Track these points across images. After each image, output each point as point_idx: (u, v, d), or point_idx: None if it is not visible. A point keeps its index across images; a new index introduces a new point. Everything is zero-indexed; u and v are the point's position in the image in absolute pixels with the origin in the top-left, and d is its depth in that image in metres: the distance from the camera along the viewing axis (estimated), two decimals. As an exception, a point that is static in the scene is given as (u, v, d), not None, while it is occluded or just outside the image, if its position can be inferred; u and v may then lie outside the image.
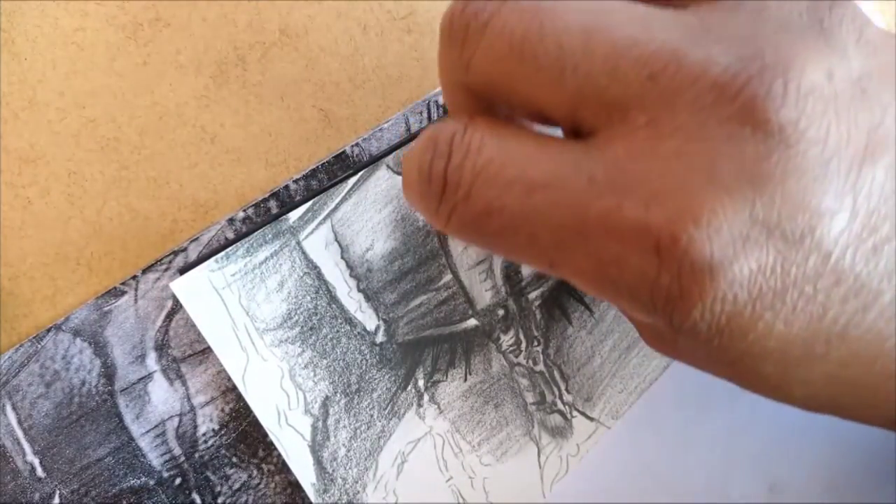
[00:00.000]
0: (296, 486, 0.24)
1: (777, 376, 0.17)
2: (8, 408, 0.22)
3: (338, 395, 0.24)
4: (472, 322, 0.27)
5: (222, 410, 0.24)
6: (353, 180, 0.25)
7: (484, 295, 0.27)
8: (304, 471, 0.24)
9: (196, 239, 0.24)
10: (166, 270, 0.23)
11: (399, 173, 0.25)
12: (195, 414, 0.24)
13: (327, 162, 0.25)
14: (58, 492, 0.22)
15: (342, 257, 0.24)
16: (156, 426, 0.23)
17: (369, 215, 0.25)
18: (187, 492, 0.23)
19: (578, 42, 0.16)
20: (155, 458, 0.23)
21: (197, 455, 0.23)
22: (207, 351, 0.23)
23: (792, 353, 0.16)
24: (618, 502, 0.29)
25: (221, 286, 0.23)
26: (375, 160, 0.25)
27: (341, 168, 0.25)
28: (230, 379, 0.23)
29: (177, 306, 0.23)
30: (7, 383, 0.22)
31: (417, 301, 0.26)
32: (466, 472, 0.26)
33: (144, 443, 0.23)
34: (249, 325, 0.23)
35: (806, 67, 0.15)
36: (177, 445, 0.23)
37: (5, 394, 0.22)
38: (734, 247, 0.15)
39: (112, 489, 0.23)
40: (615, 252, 0.15)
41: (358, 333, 0.25)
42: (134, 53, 0.24)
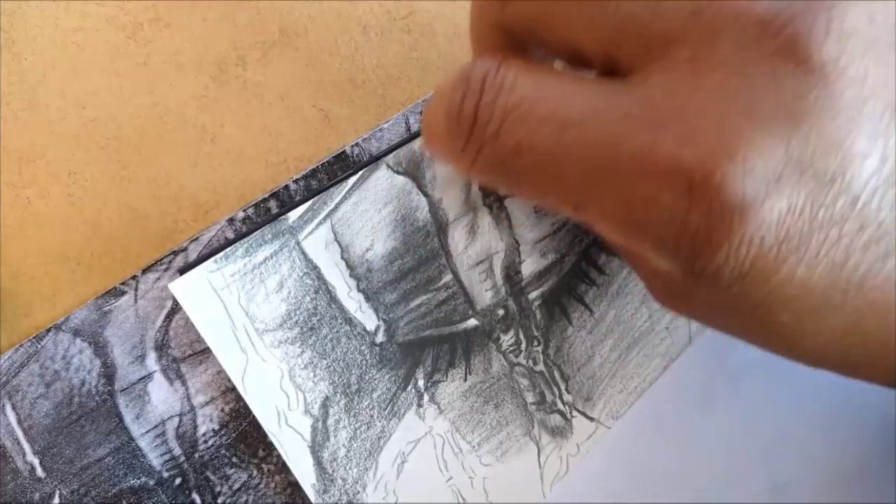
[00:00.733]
0: (296, 486, 0.24)
1: (791, 327, 0.17)
2: (8, 408, 0.22)
3: (338, 396, 0.24)
4: (472, 322, 0.27)
5: (222, 410, 0.24)
6: (353, 180, 0.24)
7: (484, 295, 0.27)
8: (304, 471, 0.24)
9: (196, 239, 0.24)
10: (166, 270, 0.23)
11: (399, 173, 0.25)
12: (195, 414, 0.24)
13: (327, 162, 0.25)
14: (58, 492, 0.22)
15: (342, 257, 0.24)
16: (156, 426, 0.23)
17: (369, 215, 0.25)
18: (187, 492, 0.23)
19: None
20: (155, 458, 0.23)
21: (197, 455, 0.23)
22: (207, 351, 0.23)
23: (810, 302, 0.16)
24: (618, 502, 0.29)
25: (220, 287, 0.23)
26: (375, 160, 0.25)
27: (341, 168, 0.25)
28: (230, 379, 0.23)
29: (177, 306, 0.23)
30: (7, 383, 0.22)
31: (417, 301, 0.26)
32: (466, 472, 0.26)
33: (144, 443, 0.23)
34: (249, 326, 0.23)
35: (849, 8, 0.15)
36: (177, 445, 0.23)
37: (5, 394, 0.22)
38: (767, 186, 0.15)
39: (112, 489, 0.23)
40: (645, 191, 0.15)
41: (358, 334, 0.25)
42: (134, 53, 0.24)
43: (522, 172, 0.17)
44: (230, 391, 0.24)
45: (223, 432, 0.24)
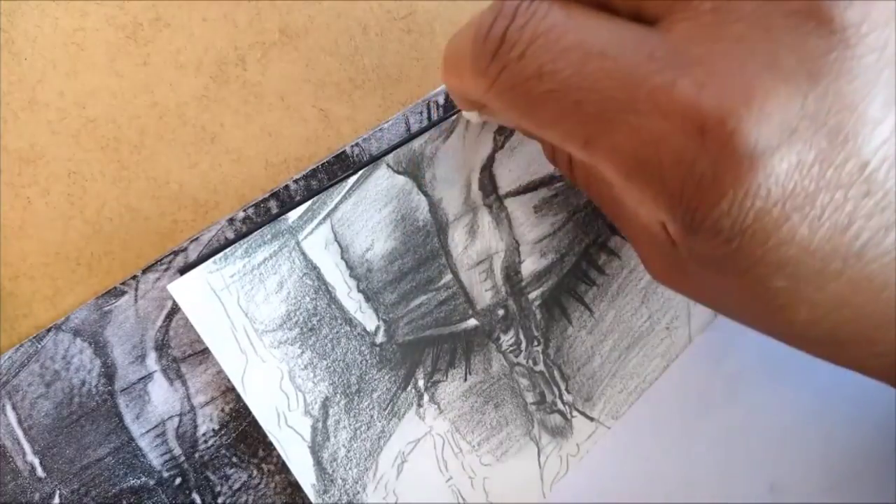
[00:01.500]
0: (296, 487, 0.24)
1: (787, 293, 0.17)
2: (8, 408, 0.22)
3: (338, 396, 0.24)
4: (472, 322, 0.27)
5: (222, 410, 0.24)
6: (353, 180, 0.24)
7: (484, 295, 0.27)
8: (304, 471, 0.24)
9: (196, 239, 0.24)
10: (166, 270, 0.23)
11: (399, 172, 0.25)
12: (195, 414, 0.24)
13: (327, 162, 0.25)
14: (58, 492, 0.22)
15: (342, 257, 0.24)
16: (156, 426, 0.23)
17: (369, 215, 0.25)
18: (187, 492, 0.23)
19: None
20: (155, 458, 0.23)
21: (197, 455, 0.23)
22: (207, 351, 0.23)
23: (808, 266, 0.16)
24: (618, 502, 0.29)
25: (220, 288, 0.23)
26: (375, 160, 0.25)
27: (341, 168, 0.25)
28: (230, 379, 0.23)
29: (177, 306, 0.23)
30: (7, 383, 0.22)
31: (417, 301, 0.26)
32: (466, 472, 0.26)
33: (144, 443, 0.23)
34: (248, 327, 0.23)
35: None
36: (177, 445, 0.23)
37: (5, 394, 0.22)
38: (780, 137, 0.15)
39: (112, 489, 0.23)
40: (658, 130, 0.16)
41: (358, 334, 0.25)
42: (134, 53, 0.24)
43: (540, 98, 0.17)
44: (230, 391, 0.24)
45: (223, 432, 0.24)
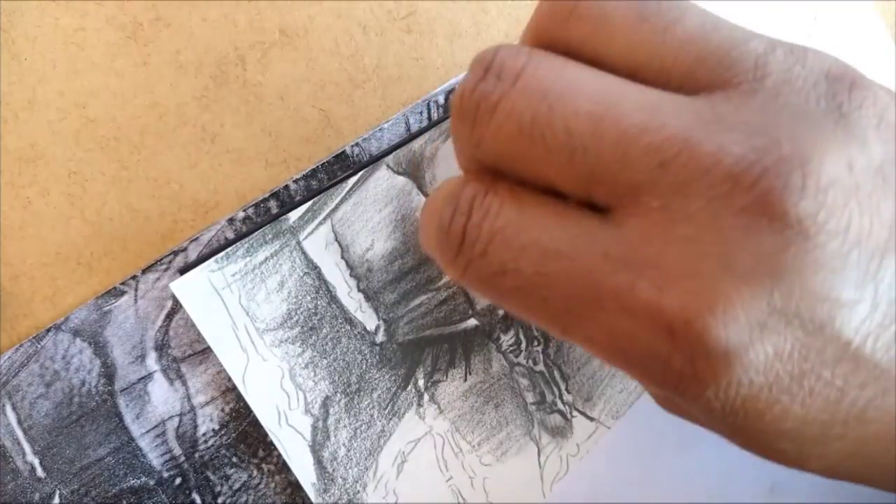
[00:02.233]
0: (296, 486, 0.24)
1: (794, 452, 0.17)
2: (8, 408, 0.22)
3: (338, 395, 0.24)
4: (472, 322, 0.27)
5: (222, 410, 0.24)
6: (353, 180, 0.25)
7: (484, 295, 0.27)
8: (305, 470, 0.24)
9: (196, 239, 0.24)
10: (166, 270, 0.23)
11: (399, 173, 0.25)
12: (195, 414, 0.24)
13: (327, 162, 0.25)
14: (58, 492, 0.22)
15: (342, 257, 0.24)
16: (156, 426, 0.23)
17: (369, 215, 0.25)
18: (187, 492, 0.23)
19: (587, 127, 0.16)
20: (155, 458, 0.23)
21: (197, 455, 0.23)
22: (207, 351, 0.23)
23: (809, 433, 0.16)
24: (618, 502, 0.29)
25: (221, 286, 0.23)
26: (375, 160, 0.25)
27: (341, 168, 0.25)
28: (230, 379, 0.23)
29: (177, 306, 0.23)
30: (7, 383, 0.22)
31: (418, 301, 0.26)
32: (466, 472, 0.26)
33: (144, 443, 0.23)
34: (249, 326, 0.23)
35: (825, 159, 0.14)
36: (177, 445, 0.23)
37: (5, 394, 0.22)
38: (750, 334, 0.14)
39: (112, 489, 0.23)
40: (627, 328, 0.15)
41: (358, 333, 0.25)
42: (134, 53, 0.24)
43: (508, 293, 0.17)
44: (230, 391, 0.24)
45: (223, 432, 0.24)
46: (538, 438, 0.28)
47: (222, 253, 0.23)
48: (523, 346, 0.27)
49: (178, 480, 0.23)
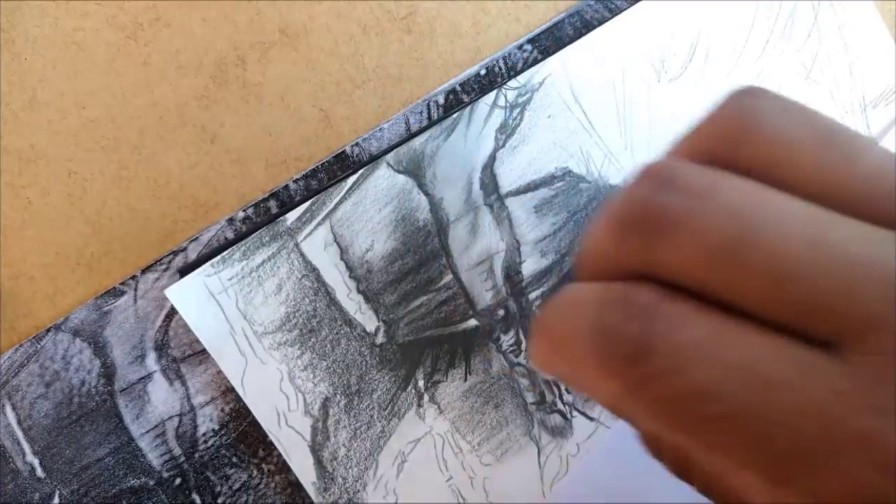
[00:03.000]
0: (296, 486, 0.24)
1: None
2: (8, 408, 0.22)
3: (338, 397, 0.24)
4: (473, 322, 0.27)
5: (222, 410, 0.24)
6: (353, 179, 0.24)
7: (484, 295, 0.27)
8: (305, 470, 0.24)
9: (196, 239, 0.24)
10: (166, 270, 0.23)
11: (400, 172, 0.25)
12: (195, 414, 0.24)
13: (327, 162, 0.25)
14: (57, 492, 0.22)
15: (341, 258, 0.24)
16: (156, 426, 0.23)
17: (369, 215, 0.25)
18: (187, 492, 0.23)
19: (800, 253, 0.14)
20: (155, 459, 0.23)
21: (197, 455, 0.23)
22: (207, 351, 0.23)
23: None
24: (618, 502, 0.29)
25: (218, 291, 0.23)
26: (375, 159, 0.25)
27: (341, 168, 0.25)
28: (230, 381, 0.23)
29: (177, 306, 0.23)
30: (7, 383, 0.22)
31: (418, 302, 0.26)
32: (466, 472, 0.26)
33: (144, 443, 0.23)
34: (247, 329, 0.23)
35: None
36: (177, 445, 0.23)
37: (5, 394, 0.22)
38: None
39: (112, 489, 0.23)
40: (875, 481, 0.14)
41: (357, 335, 0.25)
42: (134, 53, 0.24)
43: (706, 421, 0.15)
44: (230, 391, 0.24)
45: (223, 432, 0.24)
46: (538, 438, 0.28)
47: (218, 257, 0.23)
48: (523, 347, 0.27)
49: (178, 481, 0.23)
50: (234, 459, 0.24)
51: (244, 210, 0.24)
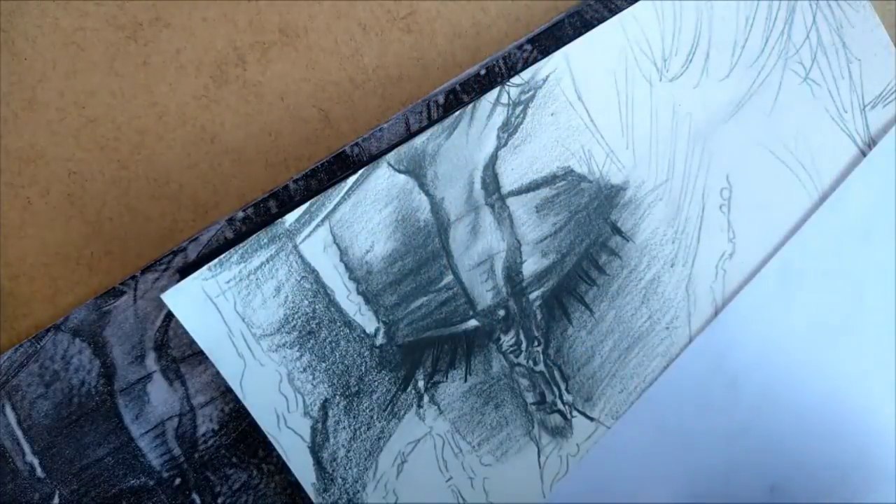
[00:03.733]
0: (296, 486, 0.24)
1: None
2: (7, 408, 0.22)
3: (337, 398, 0.24)
4: (473, 323, 0.27)
5: (222, 410, 0.24)
6: (353, 180, 0.24)
7: (485, 295, 0.27)
8: (304, 471, 0.24)
9: (195, 239, 0.24)
10: (165, 270, 0.23)
11: (400, 171, 0.25)
12: (195, 414, 0.24)
13: (327, 162, 0.25)
14: (57, 492, 0.22)
15: (341, 260, 0.24)
16: (155, 426, 0.23)
17: (369, 216, 0.25)
18: (187, 492, 0.23)
19: None
20: (155, 459, 0.23)
21: (197, 455, 0.23)
22: (207, 351, 0.24)
23: None
24: (618, 502, 0.29)
25: (216, 294, 0.22)
26: (375, 159, 0.25)
27: (341, 168, 0.25)
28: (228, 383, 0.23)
29: (176, 307, 0.23)
30: (7, 383, 0.22)
31: (418, 302, 0.26)
32: (466, 473, 0.26)
33: (144, 443, 0.23)
34: (246, 332, 0.23)
35: None
36: (176, 446, 0.23)
37: (5, 394, 0.22)
38: None
39: (112, 489, 0.23)
40: None
41: (357, 336, 0.24)
42: (134, 53, 0.24)
43: None
44: (230, 391, 0.24)
45: (223, 432, 0.24)
46: (538, 438, 0.28)
47: (216, 260, 0.22)
48: (523, 347, 0.27)
49: (178, 481, 0.23)
50: (234, 459, 0.24)
51: (244, 210, 0.24)
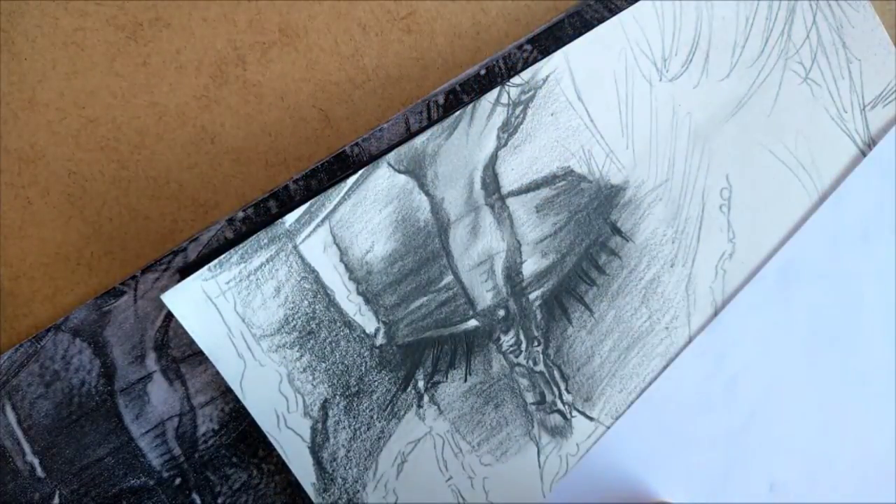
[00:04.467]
0: (296, 486, 0.24)
1: None
2: (8, 408, 0.22)
3: (337, 398, 0.24)
4: (473, 323, 0.27)
5: (222, 410, 0.24)
6: (353, 180, 0.24)
7: (485, 295, 0.27)
8: (304, 471, 0.24)
9: (195, 239, 0.24)
10: (165, 270, 0.23)
11: (400, 171, 0.25)
12: (195, 414, 0.24)
13: (327, 162, 0.25)
14: (58, 492, 0.22)
15: (341, 260, 0.24)
16: (155, 426, 0.23)
17: (369, 216, 0.25)
18: (187, 492, 0.23)
19: None
20: (155, 459, 0.23)
21: (197, 455, 0.23)
22: (207, 351, 0.24)
23: None
24: (618, 502, 0.29)
25: (215, 294, 0.22)
26: (375, 159, 0.25)
27: (341, 168, 0.25)
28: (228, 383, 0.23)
29: (176, 307, 0.23)
30: (7, 383, 0.22)
31: (418, 303, 0.26)
32: (466, 472, 0.26)
33: (144, 443, 0.23)
34: (246, 332, 0.23)
35: None
36: (177, 445, 0.23)
37: (5, 394, 0.22)
38: None
39: (112, 489, 0.23)
40: None
41: (357, 336, 0.24)
42: (134, 53, 0.24)
43: None
44: (230, 391, 0.24)
45: (223, 432, 0.24)
46: (538, 438, 0.28)
47: (215, 261, 0.22)
48: (523, 347, 0.27)
49: (178, 481, 0.23)
50: (234, 459, 0.24)
51: (244, 210, 0.24)
